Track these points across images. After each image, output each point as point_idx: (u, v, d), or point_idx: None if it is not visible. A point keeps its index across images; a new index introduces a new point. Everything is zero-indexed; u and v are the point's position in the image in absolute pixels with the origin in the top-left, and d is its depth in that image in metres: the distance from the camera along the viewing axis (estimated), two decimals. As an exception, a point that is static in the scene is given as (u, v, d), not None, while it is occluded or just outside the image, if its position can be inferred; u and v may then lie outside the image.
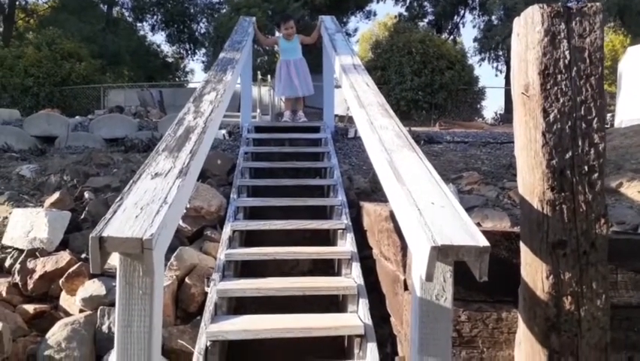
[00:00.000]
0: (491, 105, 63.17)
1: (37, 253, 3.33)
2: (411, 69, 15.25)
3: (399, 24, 20.41)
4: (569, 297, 1.92)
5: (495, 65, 21.78)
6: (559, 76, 1.97)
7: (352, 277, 3.15)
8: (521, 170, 2.10)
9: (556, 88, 1.97)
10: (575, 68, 1.98)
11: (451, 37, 24.71)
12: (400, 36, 16.35)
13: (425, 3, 24.41)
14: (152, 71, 24.91)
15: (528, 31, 2.03)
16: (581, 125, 1.97)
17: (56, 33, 17.65)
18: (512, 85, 2.17)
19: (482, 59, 21.39)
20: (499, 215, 3.52)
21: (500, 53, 20.36)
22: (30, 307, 3.11)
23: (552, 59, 1.97)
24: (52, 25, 19.34)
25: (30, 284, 3.21)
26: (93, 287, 3.00)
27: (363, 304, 2.83)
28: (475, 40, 20.97)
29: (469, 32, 67.10)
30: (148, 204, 1.62)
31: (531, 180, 2.02)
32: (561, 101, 1.97)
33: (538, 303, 1.96)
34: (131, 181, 1.79)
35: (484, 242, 1.48)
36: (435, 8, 23.75)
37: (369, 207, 3.46)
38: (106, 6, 25.96)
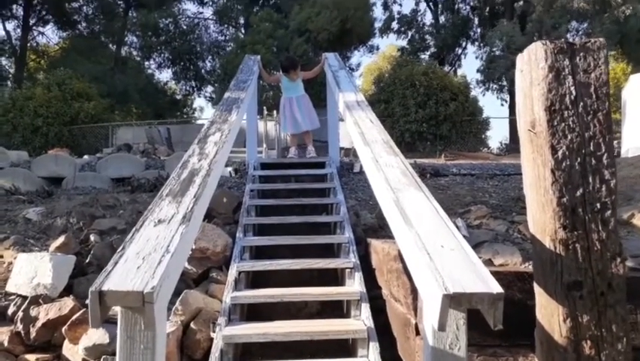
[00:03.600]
0: (496, 135, 63.34)
1: (40, 300, 3.28)
2: (415, 101, 15.38)
3: (401, 57, 20.71)
4: (589, 341, 1.84)
5: (499, 95, 21.94)
6: (565, 112, 1.95)
7: (362, 320, 3.06)
8: (531, 207, 2.05)
9: (563, 124, 1.94)
10: (581, 104, 1.95)
11: (453, 68, 25.03)
12: (403, 69, 16.56)
13: (427, 36, 24.86)
14: (160, 109, 25.31)
15: (532, 67, 2.02)
16: (591, 162, 1.93)
17: (67, 74, 18.06)
18: (518, 121, 2.14)
19: (486, 89, 21.57)
20: (510, 250, 3.44)
21: (504, 83, 20.51)
22: (32, 358, 3.04)
23: (558, 95, 1.96)
24: (62, 65, 19.81)
25: (32, 333, 3.15)
26: (96, 335, 2.93)
27: (374, 348, 2.73)
28: (477, 71, 21.18)
29: (471, 63, 67.98)
30: (150, 254, 1.58)
31: (542, 219, 1.97)
32: (569, 137, 1.94)
33: (556, 348, 1.88)
34: (134, 229, 1.76)
35: (497, 288, 1.43)
36: (436, 41, 24.15)
37: (377, 245, 3.40)
38: (114, 46, 26.64)
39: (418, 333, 2.36)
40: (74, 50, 24.66)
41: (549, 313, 1.93)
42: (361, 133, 3.05)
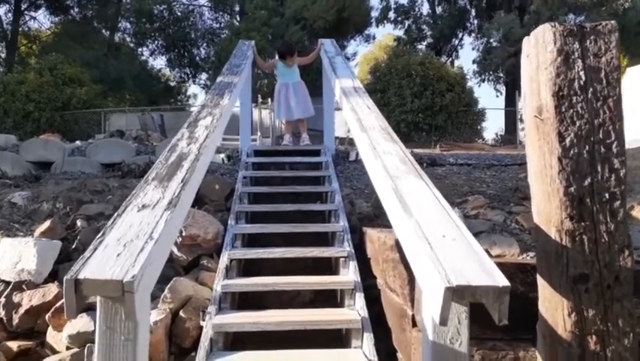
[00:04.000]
0: (491, 126, 63.31)
1: (23, 286, 3.17)
2: (411, 91, 15.27)
3: (398, 47, 20.55)
4: (594, 336, 1.76)
5: (495, 86, 21.84)
6: (574, 98, 1.85)
7: (356, 309, 2.98)
8: (536, 197, 1.96)
9: (571, 110, 1.85)
10: (590, 90, 1.86)
11: (450, 59, 24.89)
12: (400, 59, 16.42)
13: (424, 26, 24.67)
14: (154, 95, 25.03)
15: (539, 51, 1.92)
16: (600, 150, 1.84)
17: (58, 59, 17.78)
18: (523, 107, 2.05)
19: (482, 81, 21.45)
20: (508, 241, 3.38)
21: (500, 74, 20.42)
22: (14, 345, 2.94)
23: (566, 80, 1.86)
24: (55, 51, 19.50)
25: (15, 319, 3.04)
26: (81, 323, 2.83)
27: (368, 339, 2.66)
28: (474, 62, 21.05)
29: (468, 54, 67.75)
30: (132, 241, 1.48)
31: (547, 209, 1.88)
32: (577, 124, 1.84)
33: (560, 342, 1.80)
34: (116, 214, 1.66)
35: (503, 281, 1.34)
36: (433, 31, 23.97)
37: (372, 234, 3.31)
38: (108, 32, 26.25)
39: (414, 325, 2.28)
40: (67, 35, 24.29)
41: (553, 306, 1.85)
42: (358, 119, 2.95)
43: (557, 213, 1.83)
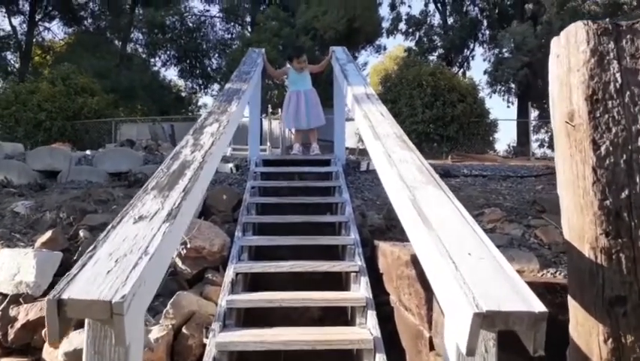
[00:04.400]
0: (503, 138, 62.78)
1: (20, 300, 3.05)
2: (422, 102, 15.11)
3: (409, 58, 20.45)
4: (634, 366, 1.59)
5: (506, 97, 21.60)
6: (610, 102, 1.69)
7: (368, 328, 2.81)
8: (567, 211, 1.80)
9: (607, 116, 1.69)
10: (627, 93, 1.70)
11: (461, 70, 24.75)
12: (411, 69, 16.30)
13: (435, 37, 24.59)
14: (166, 106, 25.13)
15: (571, 51, 1.77)
16: (638, 159, 1.68)
17: (70, 68, 17.91)
18: (552, 113, 1.89)
19: (493, 92, 21.25)
20: (527, 256, 3.21)
21: (512, 85, 20.22)
22: (9, 361, 2.81)
23: (601, 83, 1.70)
24: (68, 61, 19.66)
25: (11, 334, 2.92)
26: (78, 339, 2.68)
27: (381, 361, 2.49)
28: (485, 72, 20.87)
29: (479, 65, 67.54)
30: (125, 255, 1.34)
31: (580, 224, 1.71)
32: (613, 131, 1.68)
33: (595, 372, 1.63)
34: (110, 226, 1.52)
35: (539, 307, 1.18)
36: (444, 42, 23.88)
37: (385, 248, 3.16)
38: (120, 43, 26.51)
39: (432, 348, 2.11)
40: (80, 45, 24.54)
41: (586, 331, 1.68)
42: (371, 127, 2.81)
43: (591, 228, 1.67)
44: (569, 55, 1.78)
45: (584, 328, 1.70)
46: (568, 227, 1.79)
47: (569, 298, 1.78)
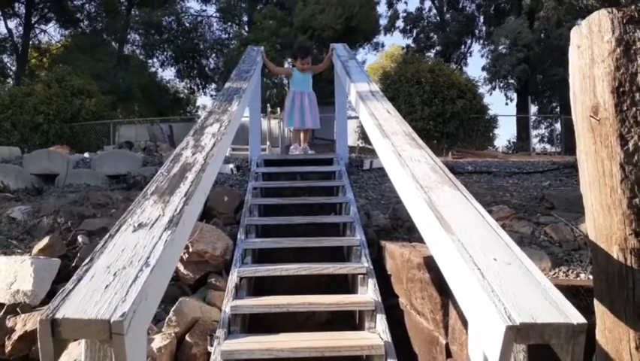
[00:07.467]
0: (502, 134, 62.68)
1: (18, 309, 2.94)
2: (421, 99, 14.99)
3: (407, 55, 20.34)
4: (669, 375, 1.49)
5: (505, 93, 21.50)
6: (637, 94, 1.59)
7: (377, 332, 2.72)
8: (592, 210, 1.69)
9: (634, 109, 1.59)
10: (656, 85, 1.60)
11: (459, 66, 24.64)
12: (409, 66, 16.17)
13: (432, 34, 24.48)
14: (163, 107, 25.02)
15: (594, 41, 1.67)
16: (669, 154, 1.58)
17: (66, 70, 17.75)
18: (573, 107, 1.79)
19: (492, 88, 21.15)
20: (538, 254, 3.13)
21: (511, 81, 20.11)
22: (6, 374, 2.71)
23: (627, 74, 1.60)
24: (65, 63, 19.50)
25: (8, 346, 2.81)
26: (78, 350, 2.59)
27: (393, 368, 2.39)
28: (483, 68, 20.75)
29: (477, 61, 67.37)
30: (124, 268, 1.24)
31: (607, 224, 1.62)
32: (642, 124, 1.58)
33: (626, 382, 1.53)
34: (107, 235, 1.42)
35: (577, 318, 1.08)
36: (441, 39, 23.78)
37: (393, 249, 3.06)
38: (117, 44, 26.36)
39: (449, 355, 2.01)
40: (76, 47, 24.38)
41: (616, 337, 1.59)
42: (378, 125, 2.71)
43: (620, 228, 1.57)
44: (592, 45, 1.68)
45: (612, 334, 1.60)
46: (593, 227, 1.69)
47: (596, 302, 1.68)
